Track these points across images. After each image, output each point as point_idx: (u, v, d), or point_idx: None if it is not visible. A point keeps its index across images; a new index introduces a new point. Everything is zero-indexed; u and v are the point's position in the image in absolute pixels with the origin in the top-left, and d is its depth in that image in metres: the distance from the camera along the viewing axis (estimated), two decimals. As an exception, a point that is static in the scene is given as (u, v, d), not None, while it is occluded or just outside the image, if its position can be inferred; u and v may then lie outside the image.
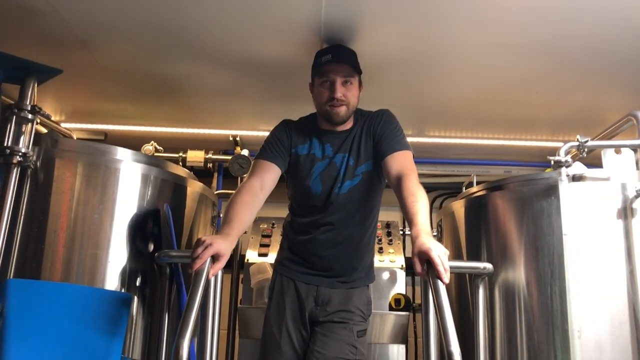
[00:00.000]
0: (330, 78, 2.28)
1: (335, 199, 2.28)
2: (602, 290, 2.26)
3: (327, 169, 2.31)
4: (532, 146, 3.99)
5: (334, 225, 2.29)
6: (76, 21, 2.56)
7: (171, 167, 2.64)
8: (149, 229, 2.39)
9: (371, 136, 2.32)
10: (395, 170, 2.17)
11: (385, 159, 2.23)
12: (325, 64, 2.30)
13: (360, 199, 2.30)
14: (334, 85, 2.27)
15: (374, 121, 2.34)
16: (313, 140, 2.36)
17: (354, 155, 2.31)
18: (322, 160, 2.32)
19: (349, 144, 2.33)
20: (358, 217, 2.31)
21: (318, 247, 2.30)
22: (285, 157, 2.33)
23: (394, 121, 2.35)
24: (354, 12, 2.43)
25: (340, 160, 2.31)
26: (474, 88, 3.17)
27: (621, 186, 2.36)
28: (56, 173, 2.26)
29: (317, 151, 2.34)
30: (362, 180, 2.29)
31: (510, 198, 2.52)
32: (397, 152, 2.23)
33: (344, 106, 2.28)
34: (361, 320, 2.27)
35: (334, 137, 2.35)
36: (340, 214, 2.29)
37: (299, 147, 2.36)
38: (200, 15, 2.48)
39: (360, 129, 2.34)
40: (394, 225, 3.71)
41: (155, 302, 2.36)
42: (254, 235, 3.55)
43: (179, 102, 3.53)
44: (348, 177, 2.29)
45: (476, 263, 2.35)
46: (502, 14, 2.40)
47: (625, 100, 3.17)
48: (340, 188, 2.28)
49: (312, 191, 2.31)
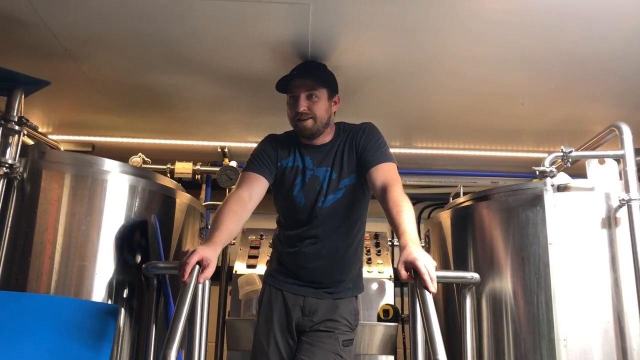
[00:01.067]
0: (295, 93, 2.32)
1: (319, 212, 2.29)
2: (587, 298, 2.28)
3: (310, 182, 2.32)
4: (519, 157, 4.03)
5: (319, 238, 2.30)
6: (63, 32, 2.56)
7: (159, 178, 2.63)
8: (137, 241, 2.39)
9: (354, 149, 2.33)
10: (380, 182, 2.18)
11: (369, 171, 2.24)
12: (290, 80, 2.35)
13: (344, 211, 2.32)
14: (298, 100, 2.30)
15: (357, 134, 2.35)
16: (296, 154, 2.38)
17: (337, 169, 2.32)
18: (305, 172, 2.34)
19: (331, 158, 2.34)
20: (342, 229, 2.33)
21: (304, 260, 2.31)
22: (272, 170, 2.35)
23: (376, 134, 2.36)
24: (340, 25, 2.46)
25: (322, 174, 2.32)
26: (460, 99, 3.20)
27: (605, 196, 2.39)
28: (43, 184, 2.25)
29: (299, 164, 2.36)
30: (345, 194, 2.31)
31: (496, 208, 2.55)
32: (381, 163, 2.24)
33: (310, 119, 2.30)
34: (347, 330, 2.27)
35: (314, 150, 2.37)
36: (324, 226, 2.30)
37: (284, 160, 2.38)
38: (189, 28, 2.50)
39: (343, 143, 2.36)
40: (383, 236, 3.73)
41: (142, 314, 2.34)
42: (243, 247, 3.55)
43: (167, 113, 3.53)
44: (331, 190, 2.30)
45: (463, 273, 2.37)
46: (487, 26, 2.44)
47: (608, 111, 3.22)
48: (323, 202, 2.29)
49: (296, 203, 2.32)
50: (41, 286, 2.15)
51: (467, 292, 2.31)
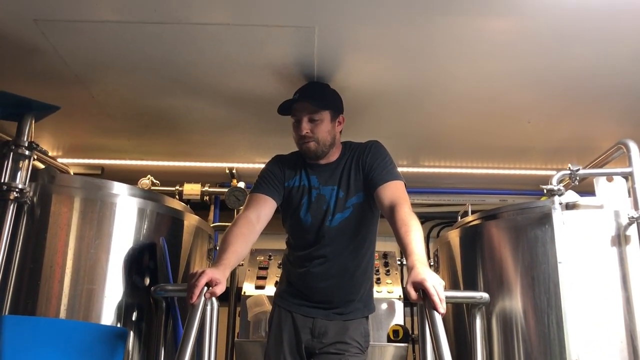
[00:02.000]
0: (298, 117, 2.35)
1: (327, 231, 2.30)
2: (599, 317, 2.25)
3: (316, 201, 2.33)
4: (527, 175, 4.01)
5: (327, 257, 2.30)
6: (73, 58, 2.60)
7: (167, 200, 2.65)
8: (145, 263, 2.39)
9: (361, 168, 2.34)
10: (388, 200, 2.18)
11: (377, 190, 2.24)
12: (293, 103, 2.37)
13: (352, 230, 2.32)
14: (300, 123, 2.33)
15: (363, 153, 2.36)
16: (302, 174, 2.39)
17: (344, 187, 2.33)
18: (310, 192, 2.35)
19: (337, 177, 2.35)
20: (351, 248, 2.32)
21: (313, 280, 2.31)
22: (280, 191, 2.36)
23: (383, 152, 2.37)
24: (345, 47, 2.48)
25: (329, 193, 2.33)
26: (467, 118, 3.21)
27: (614, 213, 2.38)
28: (53, 209, 2.27)
29: (305, 183, 2.37)
30: (353, 212, 2.31)
31: (505, 227, 2.53)
32: (388, 182, 2.24)
33: (313, 142, 2.32)
34: (358, 352, 2.26)
35: (319, 169, 2.39)
36: (332, 246, 2.30)
37: (290, 180, 2.39)
38: (196, 52, 2.53)
39: (350, 161, 2.37)
40: (391, 256, 3.70)
41: (151, 337, 2.34)
42: (251, 268, 3.54)
43: (175, 136, 3.56)
44: (339, 209, 2.31)
45: (473, 293, 2.35)
46: (491, 46, 2.45)
47: (615, 128, 3.21)
48: (331, 221, 2.30)
49: (303, 223, 2.33)
50: (50, 310, 2.15)
51: (477, 312, 2.30)
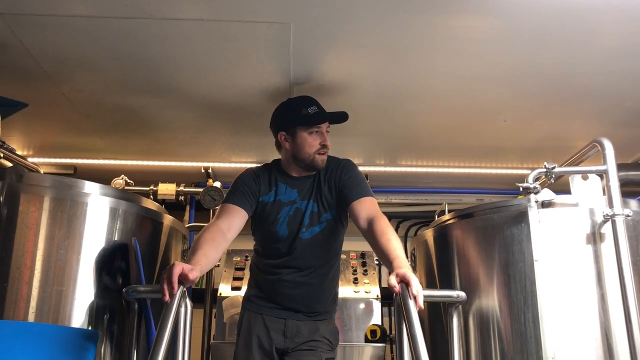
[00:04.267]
0: (321, 128, 2.36)
1: (300, 243, 2.33)
2: (574, 315, 2.26)
3: (294, 214, 2.35)
4: (503, 174, 4.04)
5: (299, 268, 2.34)
6: (42, 54, 2.54)
7: (141, 200, 2.59)
8: (117, 264, 2.34)
9: (334, 185, 2.37)
10: (365, 214, 2.23)
11: (351, 205, 2.29)
12: (315, 115, 2.36)
13: (324, 242, 2.37)
14: (324, 134, 2.36)
15: (336, 171, 2.39)
16: (279, 186, 2.39)
17: (319, 202, 2.37)
18: (288, 205, 2.36)
19: (313, 191, 2.38)
20: (322, 259, 2.37)
21: (284, 287, 2.34)
22: (252, 203, 2.35)
23: (355, 169, 2.42)
24: (321, 44, 2.47)
25: (305, 207, 2.36)
26: (444, 117, 3.22)
27: (589, 211, 2.39)
28: (21, 208, 2.20)
29: (282, 197, 2.38)
30: (326, 227, 2.36)
31: (481, 225, 2.53)
32: (363, 197, 2.29)
33: (327, 154, 2.38)
34: (329, 349, 2.32)
35: (300, 183, 2.40)
36: (304, 257, 2.34)
37: (265, 195, 2.39)
38: (168, 49, 2.49)
39: (324, 177, 2.39)
40: (369, 256, 3.69)
41: (123, 339, 2.29)
42: (227, 269, 3.50)
43: (150, 135, 3.51)
44: (313, 223, 2.34)
45: (449, 291, 2.35)
46: (468, 44, 2.45)
47: (590, 128, 3.24)
48: (304, 233, 2.33)
49: (279, 236, 2.35)
50: (18, 313, 2.09)
51: (454, 310, 2.29)
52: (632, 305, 2.17)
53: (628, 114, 3.10)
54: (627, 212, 2.28)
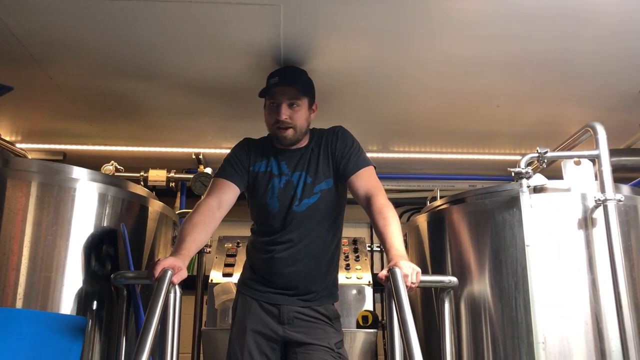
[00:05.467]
0: (277, 100, 2.30)
1: (294, 216, 2.27)
2: (565, 300, 2.26)
3: (285, 186, 2.30)
4: (496, 160, 4.03)
5: (294, 242, 2.27)
6: (27, 37, 2.49)
7: (130, 186, 2.57)
8: (106, 250, 2.32)
9: (329, 154, 2.33)
10: (363, 190, 2.21)
11: (350, 179, 2.26)
12: (273, 86, 2.31)
13: (320, 216, 2.30)
14: (279, 108, 2.28)
15: (330, 139, 2.35)
16: (270, 159, 2.36)
17: (312, 173, 2.31)
18: (279, 177, 2.32)
19: (305, 162, 2.33)
20: (317, 233, 2.30)
21: (279, 265, 2.27)
22: (244, 176, 2.32)
23: (350, 137, 2.37)
24: (312, 27, 2.42)
25: (297, 179, 2.31)
26: (436, 102, 3.19)
27: (581, 196, 2.38)
28: (7, 194, 2.17)
29: (274, 169, 2.34)
30: (320, 198, 2.29)
31: (472, 211, 2.52)
32: (360, 169, 2.26)
33: (291, 129, 2.29)
34: (334, 333, 2.27)
35: (289, 155, 2.35)
36: (299, 231, 2.27)
37: (257, 164, 2.35)
38: (156, 32, 2.44)
39: (318, 147, 2.35)
40: (361, 242, 3.69)
41: (112, 326, 2.27)
42: (219, 255, 3.49)
43: (140, 120, 3.46)
44: (306, 195, 2.28)
45: (441, 277, 2.34)
46: (461, 28, 2.42)
47: (583, 113, 3.23)
48: (298, 206, 2.27)
49: (270, 209, 2.30)
50: (5, 299, 2.06)
51: (446, 296, 2.29)
52: (622, 290, 2.17)
53: (622, 99, 3.08)
54: (619, 197, 2.28)
